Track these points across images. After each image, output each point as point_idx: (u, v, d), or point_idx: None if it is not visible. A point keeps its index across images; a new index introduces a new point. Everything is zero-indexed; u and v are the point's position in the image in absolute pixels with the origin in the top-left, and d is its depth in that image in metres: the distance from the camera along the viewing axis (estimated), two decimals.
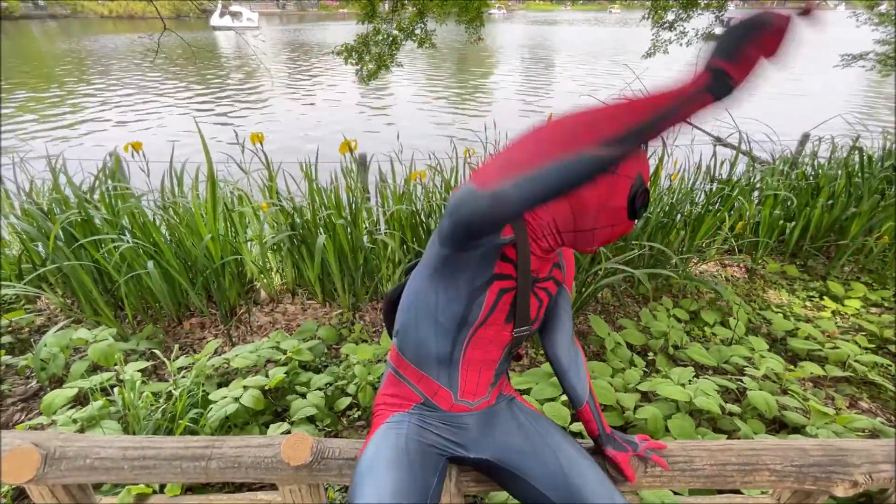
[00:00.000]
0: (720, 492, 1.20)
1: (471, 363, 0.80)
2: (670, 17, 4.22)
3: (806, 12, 0.44)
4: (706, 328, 2.10)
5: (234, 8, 31.45)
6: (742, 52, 0.44)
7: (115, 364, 1.42)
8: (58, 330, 1.63)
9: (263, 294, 2.37)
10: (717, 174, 2.87)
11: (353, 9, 4.35)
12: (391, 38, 4.20)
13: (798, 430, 1.46)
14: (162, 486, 1.19)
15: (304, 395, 1.55)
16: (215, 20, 29.94)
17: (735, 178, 2.78)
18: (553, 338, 0.88)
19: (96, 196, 2.26)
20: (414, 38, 4.23)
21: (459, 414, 0.85)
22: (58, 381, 1.71)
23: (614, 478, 0.91)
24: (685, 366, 1.82)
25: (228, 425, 1.43)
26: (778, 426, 1.56)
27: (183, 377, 1.48)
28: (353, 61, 4.25)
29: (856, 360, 1.79)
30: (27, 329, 2.04)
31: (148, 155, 2.31)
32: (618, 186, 0.66)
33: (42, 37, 25.58)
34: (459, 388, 0.82)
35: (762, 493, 1.17)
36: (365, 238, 2.29)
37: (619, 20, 44.17)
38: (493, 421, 0.87)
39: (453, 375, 0.80)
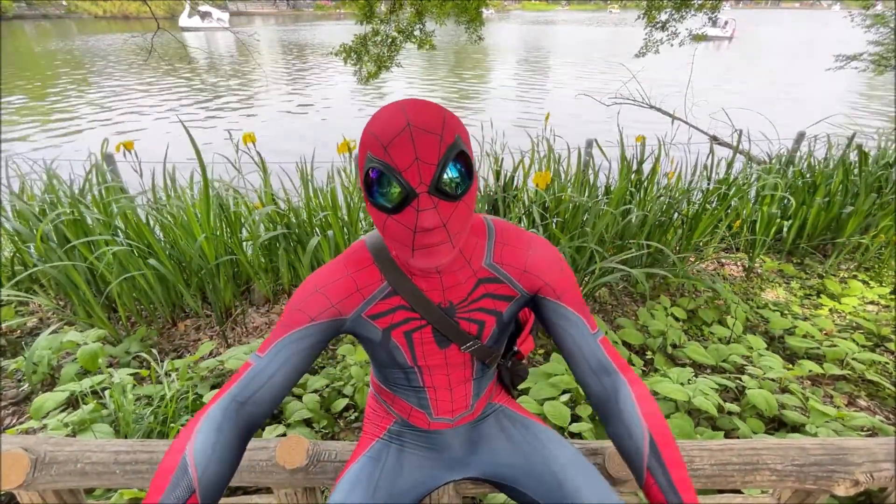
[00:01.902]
0: (720, 491, 1.20)
1: (437, 388, 0.75)
2: (663, 17, 4.23)
3: None
4: (704, 327, 2.10)
5: (204, 8, 30.47)
6: None
7: (99, 368, 1.40)
8: (51, 332, 1.61)
9: (259, 295, 2.35)
10: (713, 173, 2.87)
11: (350, 9, 4.33)
12: (390, 40, 4.19)
13: (797, 428, 1.45)
14: None
15: (300, 398, 1.54)
16: (184, 20, 29.07)
17: (732, 177, 2.79)
18: (573, 370, 0.70)
19: (88, 197, 2.24)
20: (413, 40, 4.22)
21: (440, 432, 0.80)
22: (49, 384, 1.69)
23: (613, 478, 0.89)
24: (683, 365, 1.82)
25: None
26: (777, 424, 1.56)
27: (173, 381, 1.46)
28: (352, 62, 4.24)
29: (854, 359, 1.79)
30: (18, 331, 2.01)
31: (139, 155, 2.29)
32: (360, 178, 0.58)
33: (35, 37, 25.40)
34: (432, 409, 0.77)
35: (762, 492, 1.16)
36: None
37: (619, 20, 44.30)
38: (478, 439, 0.82)
39: (422, 398, 0.76)
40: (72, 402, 1.51)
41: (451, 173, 0.54)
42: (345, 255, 0.69)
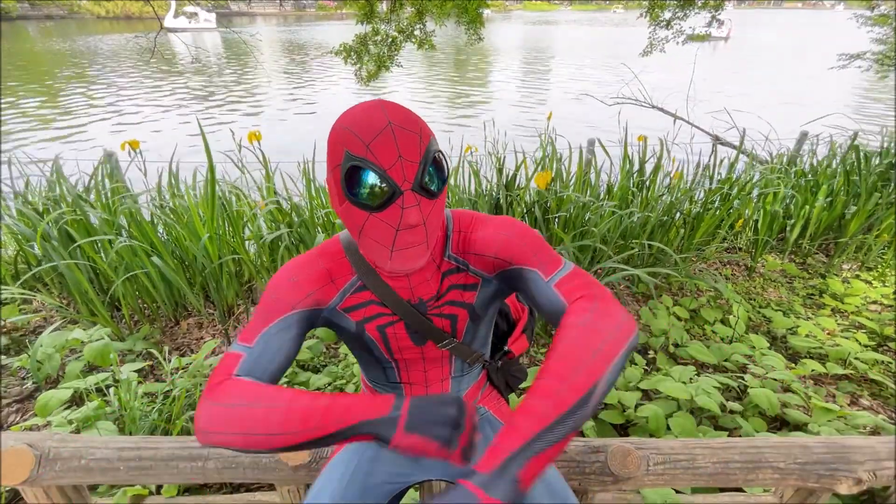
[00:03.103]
0: (723, 490, 1.20)
1: (413, 384, 0.76)
2: (667, 15, 4.23)
3: None
4: (706, 326, 2.09)
5: (190, 8, 28.76)
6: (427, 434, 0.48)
7: (111, 364, 1.41)
8: (53, 330, 1.62)
9: (261, 293, 2.36)
10: (716, 173, 2.87)
11: (352, 9, 4.34)
12: (390, 40, 4.19)
13: (799, 427, 1.45)
14: (158, 488, 1.17)
15: None
16: (169, 21, 27.78)
17: (734, 177, 2.78)
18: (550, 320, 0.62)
19: (92, 196, 2.25)
20: (413, 40, 4.22)
21: None
22: (53, 382, 1.70)
23: (615, 475, 0.89)
24: (686, 364, 1.82)
25: None
26: (779, 424, 1.56)
27: (180, 377, 1.46)
28: (353, 61, 4.24)
29: (856, 358, 1.79)
30: (22, 330, 2.02)
31: (143, 154, 2.29)
32: (332, 185, 0.58)
33: (39, 37, 25.50)
34: None
35: (765, 491, 1.16)
36: None
37: (620, 20, 44.24)
38: None
39: (399, 393, 0.77)
40: (75, 400, 1.52)
41: (431, 171, 0.56)
42: (319, 247, 0.70)
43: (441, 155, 0.57)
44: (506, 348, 0.83)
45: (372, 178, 0.53)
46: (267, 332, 0.61)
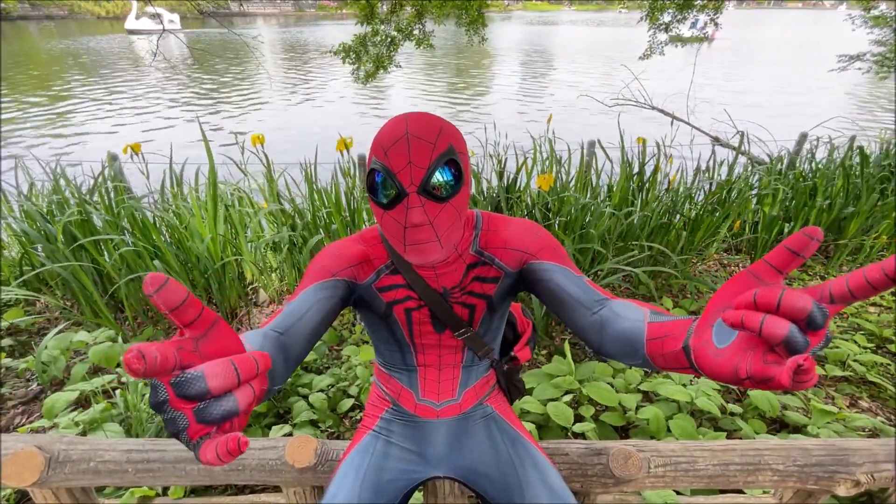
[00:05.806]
0: (722, 492, 1.21)
1: (427, 366, 0.80)
2: (666, 18, 4.25)
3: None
4: None
5: (152, 9, 28.89)
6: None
7: (118, 366, 1.42)
8: (58, 332, 1.63)
9: (263, 295, 2.37)
10: (715, 174, 2.88)
11: (352, 9, 4.36)
12: (390, 39, 4.22)
13: (799, 429, 1.46)
14: (165, 489, 1.18)
15: (306, 397, 1.55)
16: (131, 23, 27.20)
17: (734, 179, 2.80)
18: (569, 320, 0.63)
19: (95, 198, 2.26)
20: (412, 39, 4.24)
21: (426, 421, 0.83)
22: (58, 384, 1.71)
23: (617, 477, 0.90)
24: None
25: None
26: (779, 426, 1.57)
27: None
28: (351, 61, 4.26)
29: (855, 360, 1.80)
30: (27, 331, 2.03)
31: (145, 157, 2.31)
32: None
33: (38, 37, 25.51)
34: (420, 387, 0.81)
35: (764, 492, 1.17)
36: None
37: (623, 21, 44.19)
38: (463, 438, 0.84)
39: (413, 376, 0.81)
40: (81, 402, 1.53)
41: (440, 177, 0.60)
42: (359, 232, 0.77)
43: (457, 162, 0.61)
44: (512, 353, 0.88)
45: (384, 180, 0.60)
46: (309, 289, 0.65)
